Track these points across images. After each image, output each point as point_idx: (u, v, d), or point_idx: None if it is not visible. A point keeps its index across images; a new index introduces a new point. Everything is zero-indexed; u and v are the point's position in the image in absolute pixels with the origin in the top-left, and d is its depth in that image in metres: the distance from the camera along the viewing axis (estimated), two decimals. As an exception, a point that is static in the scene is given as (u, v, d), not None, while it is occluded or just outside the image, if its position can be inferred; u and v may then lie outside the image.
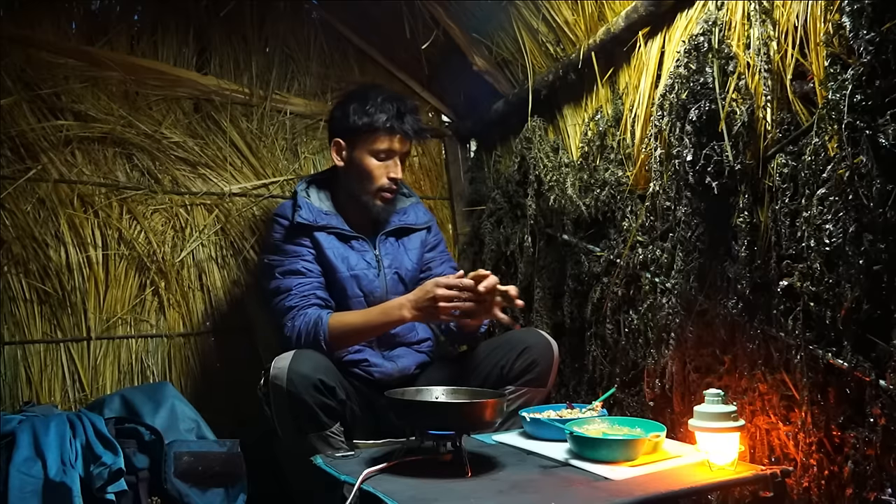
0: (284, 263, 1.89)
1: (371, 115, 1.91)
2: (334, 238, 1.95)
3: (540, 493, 1.20)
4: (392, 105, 1.92)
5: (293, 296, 1.83)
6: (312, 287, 1.86)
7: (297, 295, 1.83)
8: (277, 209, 2.02)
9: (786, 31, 1.49)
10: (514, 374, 1.81)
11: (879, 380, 1.30)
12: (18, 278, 2.12)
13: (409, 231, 2.08)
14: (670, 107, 1.68)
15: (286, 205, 2.00)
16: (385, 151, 1.93)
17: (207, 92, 2.49)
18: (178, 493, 1.73)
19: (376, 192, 1.95)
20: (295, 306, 1.81)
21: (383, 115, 1.90)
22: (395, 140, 1.93)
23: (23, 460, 1.59)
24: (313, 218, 1.93)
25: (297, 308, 1.81)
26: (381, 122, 1.90)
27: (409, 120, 1.94)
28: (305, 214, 1.93)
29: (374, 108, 1.91)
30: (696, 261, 1.68)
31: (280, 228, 1.95)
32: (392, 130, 1.91)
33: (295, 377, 1.57)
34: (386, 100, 1.93)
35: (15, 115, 2.13)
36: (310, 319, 1.77)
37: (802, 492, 1.48)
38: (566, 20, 2.17)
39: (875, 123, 1.26)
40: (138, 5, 2.43)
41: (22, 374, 2.10)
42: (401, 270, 2.01)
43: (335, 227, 1.96)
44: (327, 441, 1.60)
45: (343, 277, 1.92)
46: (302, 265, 1.89)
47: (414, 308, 1.72)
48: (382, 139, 1.92)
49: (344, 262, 1.93)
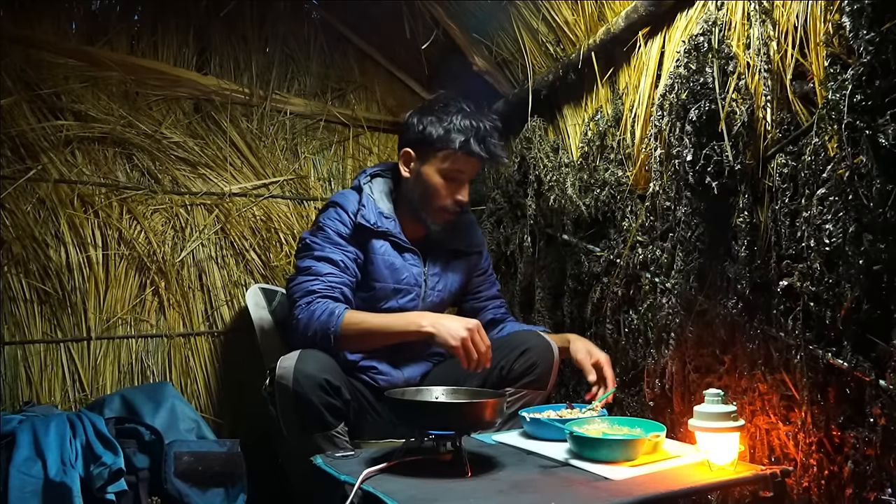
0: (325, 249, 1.80)
1: (449, 132, 1.80)
2: (389, 245, 1.87)
3: (540, 493, 1.20)
4: (472, 125, 1.80)
5: (320, 281, 1.74)
6: (342, 282, 1.77)
7: (324, 282, 1.74)
8: (338, 197, 1.91)
9: (786, 31, 1.49)
10: (514, 376, 1.80)
11: (879, 380, 1.30)
12: (18, 278, 2.12)
13: (462, 254, 2.00)
14: (670, 107, 1.69)
15: (349, 196, 1.89)
16: (456, 172, 1.83)
17: (207, 92, 2.49)
18: (178, 493, 1.74)
19: (438, 211, 1.86)
20: (317, 292, 1.73)
21: (461, 136, 1.79)
22: (469, 162, 1.83)
23: (23, 460, 1.59)
24: (374, 221, 1.84)
25: (318, 294, 1.72)
26: (459, 143, 1.78)
27: (489, 143, 1.81)
28: (368, 216, 1.83)
29: (454, 125, 1.80)
30: (696, 261, 1.68)
31: (336, 216, 1.85)
32: (469, 152, 1.79)
33: (301, 377, 1.57)
34: (467, 117, 1.81)
35: (15, 115, 2.14)
36: (326, 308, 1.69)
37: (802, 492, 1.48)
38: (566, 20, 2.17)
39: (875, 123, 1.26)
40: (138, 5, 2.43)
41: (22, 374, 2.10)
42: (444, 292, 1.95)
43: (393, 235, 1.87)
44: (332, 441, 1.60)
45: (385, 287, 1.85)
46: (341, 258, 1.80)
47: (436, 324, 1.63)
48: (456, 160, 1.81)
49: (392, 272, 1.86)
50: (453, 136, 1.79)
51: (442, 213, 1.87)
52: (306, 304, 1.71)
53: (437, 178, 1.84)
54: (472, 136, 1.79)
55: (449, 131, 1.80)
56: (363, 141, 2.85)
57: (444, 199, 1.85)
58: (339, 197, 1.91)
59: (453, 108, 1.84)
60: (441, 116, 1.83)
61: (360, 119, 2.80)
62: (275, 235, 2.55)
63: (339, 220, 1.84)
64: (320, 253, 1.80)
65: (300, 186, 2.67)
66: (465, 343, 1.59)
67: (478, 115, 1.84)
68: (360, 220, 1.82)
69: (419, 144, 1.85)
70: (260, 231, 2.53)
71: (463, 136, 1.79)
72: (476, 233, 2.07)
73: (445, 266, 1.97)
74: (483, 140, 1.80)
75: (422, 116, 1.86)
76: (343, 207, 1.86)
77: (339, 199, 1.89)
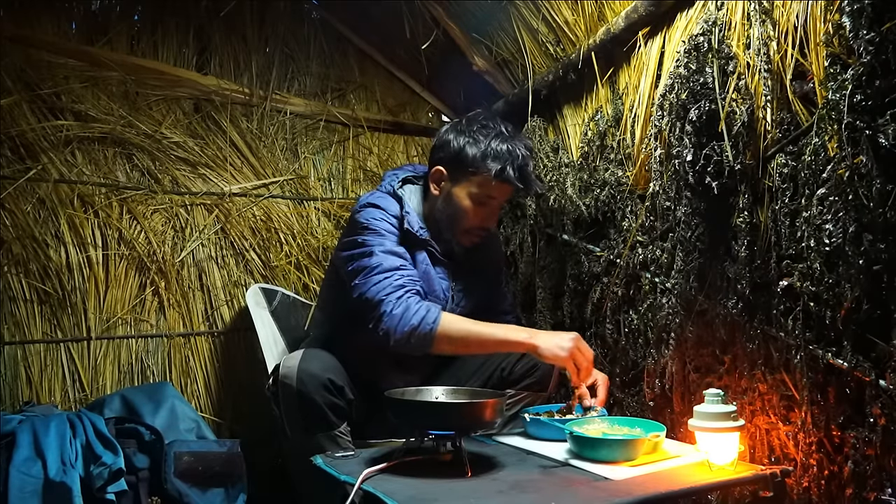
0: (385, 244, 1.69)
1: (486, 156, 1.71)
2: (427, 256, 1.79)
3: (540, 493, 1.20)
4: (510, 150, 1.71)
5: (402, 276, 1.63)
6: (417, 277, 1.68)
7: (406, 276, 1.63)
8: (377, 199, 1.78)
9: (786, 31, 1.49)
10: (514, 378, 1.80)
11: (879, 380, 1.30)
12: (18, 278, 2.12)
13: (484, 271, 1.94)
14: (670, 107, 1.68)
15: (389, 199, 1.79)
16: (487, 198, 1.75)
17: (207, 92, 2.49)
18: (178, 492, 1.74)
19: (464, 233, 1.79)
20: (405, 286, 1.61)
21: (498, 163, 1.70)
22: (502, 189, 1.74)
23: (23, 460, 1.59)
24: (417, 229, 1.76)
25: (407, 290, 1.61)
26: (495, 170, 1.69)
27: (525, 172, 1.72)
28: (412, 223, 1.75)
29: (491, 149, 1.71)
30: (696, 261, 1.68)
31: (382, 216, 1.74)
32: (505, 180, 1.70)
33: (305, 376, 1.57)
34: (505, 141, 1.72)
35: (15, 115, 2.14)
36: (421, 306, 1.58)
37: (802, 492, 1.48)
38: (566, 20, 2.17)
39: (875, 123, 1.26)
40: (138, 5, 2.44)
41: (22, 374, 2.10)
42: (465, 309, 1.88)
43: (432, 246, 1.79)
44: (335, 441, 1.60)
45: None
46: (404, 252, 1.70)
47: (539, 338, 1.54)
48: (490, 186, 1.72)
49: (427, 283, 1.78)
50: (490, 162, 1.70)
51: (467, 236, 1.81)
52: (397, 300, 1.59)
53: (467, 202, 1.75)
54: (509, 163, 1.70)
55: (486, 156, 1.71)
56: (363, 141, 2.85)
57: (472, 223, 1.78)
58: (377, 199, 1.79)
59: (492, 130, 1.75)
60: (478, 138, 1.74)
61: (360, 119, 2.80)
62: (275, 235, 2.56)
63: (386, 220, 1.74)
64: (383, 248, 1.68)
65: (300, 186, 2.67)
66: (575, 355, 1.53)
67: (515, 141, 1.75)
68: (406, 226, 1.74)
69: (452, 164, 1.77)
70: (260, 231, 2.53)
71: (500, 162, 1.70)
72: (498, 248, 2.04)
73: (469, 282, 1.91)
74: (520, 168, 1.72)
75: (458, 135, 1.77)
76: (385, 210, 1.77)
77: (378, 202, 1.78)
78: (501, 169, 1.70)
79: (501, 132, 1.75)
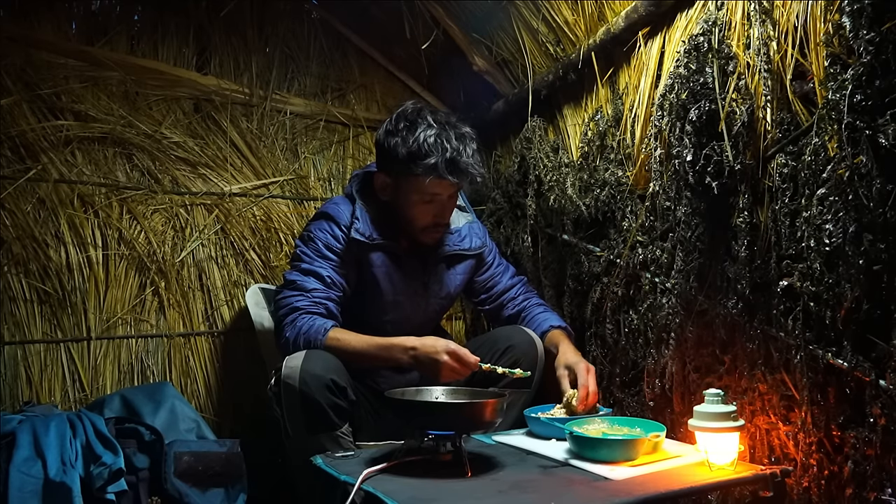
0: (314, 263, 1.76)
1: (414, 156, 1.68)
2: (386, 257, 1.82)
3: (540, 493, 1.20)
4: (440, 144, 1.68)
5: (304, 298, 1.72)
6: (327, 297, 1.74)
7: (309, 299, 1.72)
8: (329, 207, 1.84)
9: (786, 31, 1.49)
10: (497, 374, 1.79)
11: (879, 380, 1.30)
12: (18, 278, 2.12)
13: (463, 257, 1.95)
14: (670, 107, 1.68)
15: (341, 207, 1.83)
16: (430, 195, 1.74)
17: (207, 92, 2.49)
18: (178, 493, 1.74)
19: (422, 232, 1.81)
20: (302, 309, 1.71)
21: (432, 158, 1.66)
22: (441, 185, 1.72)
23: (23, 460, 1.59)
24: (369, 233, 1.78)
25: (303, 311, 1.71)
26: (430, 166, 1.67)
27: (459, 163, 1.69)
28: (363, 229, 1.77)
29: (420, 147, 1.68)
30: (696, 261, 1.68)
31: (327, 229, 1.79)
32: (439, 177, 1.68)
33: (307, 377, 1.57)
34: (433, 135, 1.68)
35: (15, 115, 2.14)
36: (312, 325, 1.68)
37: (802, 492, 1.48)
38: (566, 20, 2.17)
39: (875, 123, 1.26)
40: (138, 5, 2.43)
41: (22, 374, 2.10)
42: (446, 299, 1.92)
43: (389, 246, 1.82)
44: (337, 441, 1.60)
45: (386, 301, 1.83)
46: (328, 274, 1.75)
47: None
48: (430, 183, 1.70)
49: (391, 283, 1.82)
50: (425, 161, 1.67)
51: (426, 234, 1.82)
52: (291, 322, 1.70)
53: (412, 203, 1.76)
54: (440, 158, 1.67)
55: (414, 155, 1.68)
56: (363, 141, 2.85)
57: (425, 221, 1.79)
58: (331, 208, 1.84)
59: (420, 125, 1.70)
60: (406, 137, 1.70)
61: (360, 119, 2.80)
62: (275, 235, 2.56)
63: (330, 234, 1.79)
64: (308, 266, 1.76)
65: (300, 186, 2.67)
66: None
67: (446, 131, 1.70)
68: (354, 235, 1.77)
69: (389, 167, 1.77)
70: (260, 231, 2.53)
71: (431, 159, 1.67)
72: (475, 235, 1.98)
73: (446, 271, 1.93)
74: (453, 161, 1.68)
75: (388, 136, 1.74)
76: (336, 220, 1.80)
77: (332, 212, 1.82)
78: (431, 167, 1.67)
79: (430, 124, 1.71)
